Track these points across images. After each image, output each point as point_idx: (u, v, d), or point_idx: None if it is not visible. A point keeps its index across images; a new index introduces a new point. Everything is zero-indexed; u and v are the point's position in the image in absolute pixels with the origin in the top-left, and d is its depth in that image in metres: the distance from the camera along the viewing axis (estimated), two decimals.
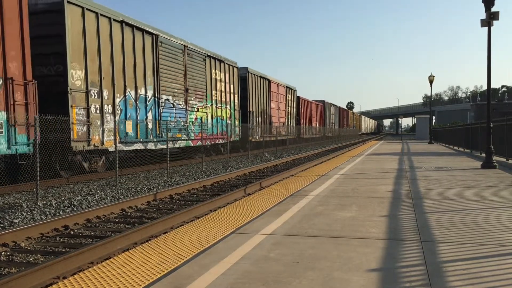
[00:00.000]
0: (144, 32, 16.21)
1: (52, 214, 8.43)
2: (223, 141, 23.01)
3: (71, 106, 12.57)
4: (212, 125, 22.02)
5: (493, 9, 12.86)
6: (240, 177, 14.99)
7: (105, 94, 14.06)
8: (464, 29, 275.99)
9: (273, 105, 32.28)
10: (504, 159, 14.28)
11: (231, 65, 24.39)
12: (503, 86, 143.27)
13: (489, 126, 13.37)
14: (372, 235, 4.97)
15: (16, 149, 10.26)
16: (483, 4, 12.98)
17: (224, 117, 23.57)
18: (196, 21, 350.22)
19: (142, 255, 4.49)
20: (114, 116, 14.33)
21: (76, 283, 3.75)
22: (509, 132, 13.99)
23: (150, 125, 16.53)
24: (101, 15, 13.87)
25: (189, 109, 19.61)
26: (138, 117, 15.74)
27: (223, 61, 23.28)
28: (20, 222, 7.79)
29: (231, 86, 24.52)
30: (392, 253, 4.24)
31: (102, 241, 5.84)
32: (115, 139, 12.81)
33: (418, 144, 35.12)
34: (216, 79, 22.43)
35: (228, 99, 24.12)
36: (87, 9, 13.20)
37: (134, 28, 15.62)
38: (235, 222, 5.93)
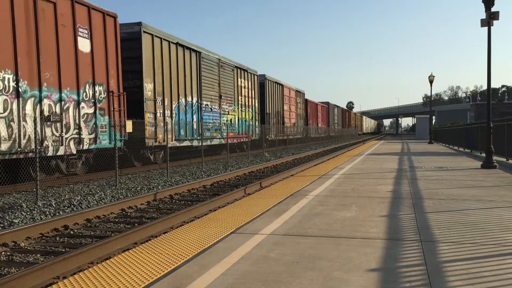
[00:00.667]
0: (191, 50, 19.82)
1: (52, 214, 8.42)
2: (246, 140, 26.54)
3: (145, 111, 16.05)
4: (238, 125, 25.58)
5: (493, 9, 12.86)
6: (240, 177, 14.99)
7: (166, 101, 17.55)
8: (464, 29, 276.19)
9: (285, 107, 35.49)
10: (504, 159, 14.28)
11: (252, 73, 27.94)
12: (503, 86, 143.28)
13: (489, 126, 13.37)
14: (372, 235, 4.97)
15: (113, 143, 13.27)
16: (483, 4, 12.98)
17: (247, 119, 27.19)
18: (196, 21, 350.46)
19: (142, 255, 4.49)
20: (172, 119, 17.88)
21: (76, 283, 3.75)
22: (509, 132, 13.99)
23: (195, 126, 20.03)
24: (163, 39, 17.42)
25: (222, 112, 23.20)
26: (187, 120, 19.35)
27: (246, 70, 26.80)
28: (20, 222, 7.79)
29: (253, 91, 28.17)
30: (392, 253, 4.24)
31: (102, 241, 5.84)
32: (167, 137, 16.36)
33: (418, 144, 35.12)
34: (241, 86, 25.99)
35: (250, 103, 27.69)
36: (155, 35, 16.81)
37: (184, 48, 19.18)
38: (235, 222, 5.93)
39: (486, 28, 12.96)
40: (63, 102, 12.21)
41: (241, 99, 26.03)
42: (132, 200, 9.34)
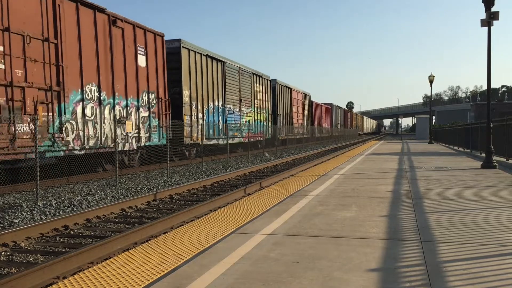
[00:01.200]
0: (217, 61, 22.88)
1: (52, 214, 8.43)
2: (261, 139, 29.75)
3: (184, 114, 19.05)
4: (255, 126, 28.76)
5: (493, 9, 12.86)
6: (240, 177, 14.99)
7: (199, 105, 20.65)
8: (464, 29, 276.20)
9: (293, 109, 38.54)
10: (504, 159, 14.28)
11: (266, 79, 31.10)
12: (503, 86, 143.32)
13: (489, 126, 13.37)
14: (372, 235, 4.97)
15: (162, 141, 16.96)
16: (483, 4, 12.98)
17: (262, 120, 30.37)
18: (196, 20, 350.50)
19: (142, 255, 4.49)
20: (203, 121, 20.92)
21: (76, 283, 3.75)
22: (509, 132, 13.99)
23: (220, 126, 23.11)
24: (196, 52, 20.42)
25: (242, 114, 26.31)
26: (214, 121, 22.38)
27: (261, 76, 30.02)
28: (20, 222, 7.79)
29: (266, 95, 31.34)
30: (392, 253, 4.24)
31: (102, 241, 5.84)
32: (202, 136, 19.56)
33: (418, 144, 35.12)
34: (256, 90, 29.18)
35: (264, 106, 30.88)
36: (190, 49, 19.82)
37: (212, 59, 22.29)
38: (235, 222, 5.94)
39: (486, 28, 12.96)
40: (128, 108, 15.34)
41: (257, 102, 29.34)
42: (132, 200, 9.34)
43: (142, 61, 16.26)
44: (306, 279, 3.54)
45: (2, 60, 10.41)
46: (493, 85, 61.59)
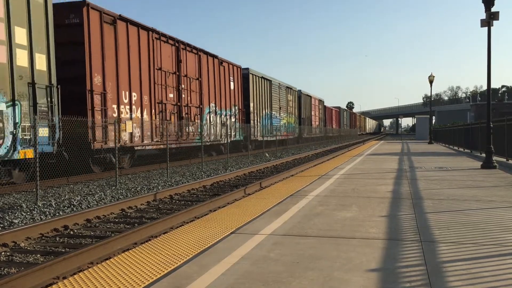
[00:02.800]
0: (267, 80, 31.53)
1: (51, 214, 8.42)
2: (291, 137, 38.24)
3: (250, 119, 27.96)
4: (287, 127, 37.29)
5: (493, 9, 12.86)
6: (240, 177, 14.99)
7: (258, 112, 29.63)
8: (464, 29, 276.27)
9: (312, 113, 47.04)
10: (504, 159, 14.28)
11: (294, 90, 39.84)
12: (503, 86, 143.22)
13: (489, 126, 13.37)
14: (372, 235, 4.97)
15: (241, 137, 25.88)
16: (483, 4, 12.98)
17: (292, 122, 39.03)
18: (196, 20, 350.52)
19: (142, 255, 4.49)
20: (261, 123, 30.01)
21: (76, 283, 3.75)
22: (509, 132, 13.99)
23: (269, 127, 31.87)
24: (256, 76, 29.08)
25: (280, 118, 35.44)
26: (266, 124, 31.28)
27: (291, 88, 38.82)
28: (20, 222, 7.79)
29: (294, 103, 40.05)
30: (392, 253, 4.24)
31: (102, 241, 5.84)
32: (263, 135, 30.04)
33: (418, 144, 35.12)
34: (288, 99, 38.01)
35: (293, 111, 39.47)
36: (253, 74, 28.42)
37: (264, 79, 30.93)
38: (235, 222, 5.93)
39: (486, 28, 12.96)
40: (226, 116, 24.37)
41: (289, 108, 38.03)
42: (132, 200, 9.34)
43: (231, 85, 25.31)
44: (306, 279, 3.54)
45: (184, 92, 19.66)
46: (493, 85, 61.61)
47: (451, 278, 3.51)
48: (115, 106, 14.90)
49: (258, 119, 29.53)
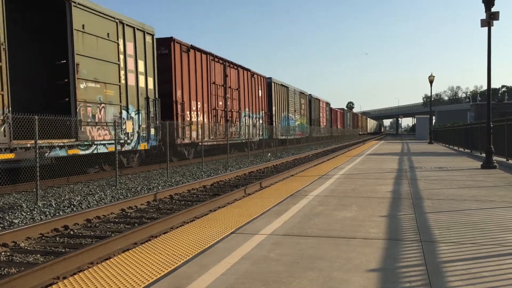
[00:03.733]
0: (285, 87, 36.64)
1: (52, 214, 8.42)
2: (303, 136, 43.32)
3: (273, 121, 33.21)
4: (300, 128, 42.16)
5: (493, 9, 12.86)
6: (240, 177, 14.99)
7: (278, 115, 34.77)
8: (464, 29, 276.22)
9: (321, 115, 52.25)
10: (504, 159, 14.28)
11: (306, 94, 44.88)
12: (503, 86, 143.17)
13: (489, 126, 13.37)
14: (372, 235, 4.97)
15: (267, 136, 31.09)
16: (483, 4, 12.98)
17: (304, 123, 43.83)
18: (196, 21, 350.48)
19: (142, 255, 4.49)
20: (281, 124, 35.22)
21: (76, 283, 3.76)
22: (509, 132, 13.99)
23: (286, 127, 36.71)
24: (277, 83, 34.33)
25: (295, 119, 40.40)
26: (283, 125, 36.17)
27: (303, 93, 43.80)
28: (20, 222, 7.79)
29: (306, 106, 45.19)
30: (392, 253, 4.24)
31: (102, 241, 5.84)
32: (283, 134, 36.14)
33: (418, 144, 35.12)
34: (301, 103, 42.90)
35: (305, 113, 44.53)
36: (275, 82, 33.58)
37: (283, 86, 36.24)
38: (235, 222, 5.94)
39: (486, 28, 12.96)
40: (256, 119, 29.06)
41: (301, 111, 42.78)
42: (132, 200, 9.34)
43: (260, 93, 30.26)
44: (306, 279, 3.54)
45: (229, 100, 24.55)
46: (493, 85, 61.71)
47: (451, 278, 3.51)
48: (188, 113, 20.01)
49: (279, 121, 34.95)
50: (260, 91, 30.19)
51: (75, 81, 12.64)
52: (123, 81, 14.95)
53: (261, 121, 30.38)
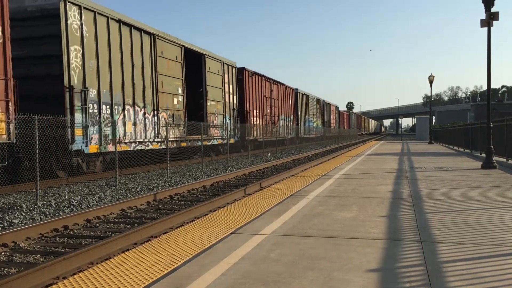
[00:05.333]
0: (305, 95, 43.17)
1: (51, 215, 8.42)
2: (318, 135, 49.37)
3: (298, 122, 40.49)
4: (316, 128, 48.54)
5: (493, 9, 12.86)
6: (240, 177, 14.99)
7: (302, 118, 41.62)
8: (464, 29, 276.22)
9: (331, 117, 59.69)
10: (504, 159, 14.27)
11: (320, 100, 51.93)
12: (503, 86, 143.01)
13: (489, 126, 13.37)
14: (372, 235, 4.97)
15: (294, 135, 39.24)
16: (483, 5, 12.98)
17: (319, 125, 50.58)
18: (197, 21, 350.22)
19: (142, 255, 4.49)
20: (303, 126, 42.20)
21: (76, 283, 3.75)
22: (509, 132, 13.99)
23: (307, 128, 43.37)
24: (300, 92, 41.18)
25: (313, 121, 47.06)
26: (305, 126, 42.71)
27: (319, 99, 50.83)
28: (20, 222, 7.79)
29: (321, 109, 52.14)
30: (392, 253, 4.24)
31: (102, 242, 5.84)
32: (306, 133, 44.79)
33: (418, 144, 35.12)
34: (317, 107, 49.90)
35: (320, 116, 51.29)
36: (301, 93, 41.39)
37: (304, 94, 42.62)
38: (235, 222, 5.93)
39: (486, 29, 12.96)
40: (287, 121, 36.84)
41: (317, 114, 49.80)
42: (132, 200, 9.34)
43: (290, 101, 37.86)
44: (306, 279, 3.53)
45: (273, 108, 32.26)
46: (493, 85, 61.79)
47: (451, 278, 3.51)
48: (251, 118, 28.23)
49: (302, 123, 41.79)
50: (290, 100, 38.20)
51: (206, 101, 21.99)
52: (225, 99, 24.11)
53: (291, 123, 38.30)
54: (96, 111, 13.70)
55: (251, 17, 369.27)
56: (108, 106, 14.28)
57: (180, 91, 19.25)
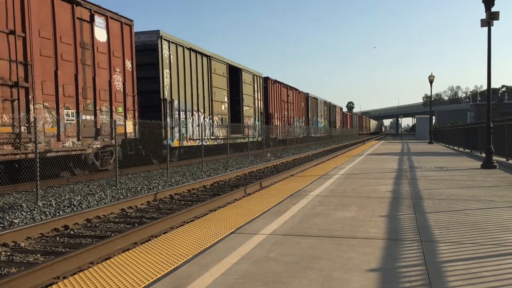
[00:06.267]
0: (315, 98, 48.17)
1: (52, 214, 8.42)
2: (325, 135, 54.38)
3: (309, 123, 45.61)
4: (324, 128, 53.39)
5: (493, 9, 12.86)
6: (240, 177, 14.99)
7: (312, 119, 46.61)
8: (464, 29, 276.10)
9: (336, 117, 64.20)
10: (504, 159, 14.27)
11: (327, 102, 56.14)
12: (503, 86, 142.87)
13: (489, 126, 13.37)
14: (372, 235, 4.97)
15: (305, 134, 44.31)
16: (483, 4, 12.98)
17: (326, 125, 54.95)
18: (199, 21, 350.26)
19: (142, 255, 4.49)
20: (313, 126, 47.38)
21: (76, 283, 3.76)
22: (509, 132, 13.99)
23: (316, 128, 48.18)
24: (311, 96, 46.28)
25: (321, 122, 51.41)
26: (315, 126, 48.22)
27: (326, 101, 54.97)
28: (20, 222, 7.79)
29: (328, 111, 56.59)
30: (392, 253, 4.24)
31: (102, 241, 5.84)
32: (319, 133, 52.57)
33: (418, 144, 35.12)
34: (324, 109, 53.82)
35: (326, 117, 55.56)
36: (311, 96, 46.44)
37: (315, 98, 48.35)
38: (235, 222, 5.94)
39: (486, 28, 12.96)
40: (300, 122, 41.80)
41: (324, 115, 54.07)
42: (132, 200, 9.34)
43: (302, 104, 42.20)
44: (306, 279, 3.54)
45: (289, 111, 38.03)
46: (493, 85, 61.77)
47: (451, 278, 3.51)
48: (273, 120, 33.23)
49: (311, 123, 46.16)
50: (302, 103, 42.66)
51: (243, 107, 27.06)
52: (255, 104, 29.35)
53: (303, 124, 42.82)
54: (177, 116, 18.83)
55: (250, 17, 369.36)
56: (183, 112, 19.44)
57: (226, 99, 24.54)
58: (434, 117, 74.78)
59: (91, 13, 13.38)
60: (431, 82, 34.75)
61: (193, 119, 20.32)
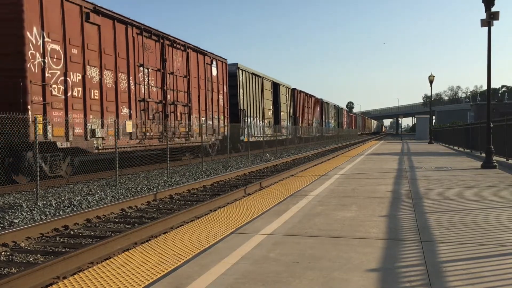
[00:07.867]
0: (327, 103, 57.05)
1: (52, 214, 8.42)
2: (334, 134, 60.39)
3: (322, 124, 54.19)
4: (333, 128, 59.85)
5: (493, 9, 12.86)
6: (240, 177, 14.99)
7: (325, 121, 55.08)
8: (464, 29, 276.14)
9: (343, 119, 71.94)
10: (504, 159, 14.28)
11: (337, 106, 64.25)
12: (503, 86, 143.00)
13: (489, 126, 13.37)
14: (372, 235, 4.97)
15: (317, 134, 51.22)
16: (483, 4, 12.98)
17: (335, 126, 61.48)
18: (199, 22, 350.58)
19: (142, 255, 4.49)
20: (325, 126, 55.16)
21: (76, 283, 3.76)
22: (509, 132, 13.99)
23: (327, 129, 56.13)
24: (324, 102, 55.16)
25: (331, 123, 59.09)
26: (327, 126, 56.02)
27: (335, 105, 61.74)
28: (20, 222, 7.79)
29: (337, 113, 63.73)
30: (392, 253, 4.24)
31: (102, 241, 5.84)
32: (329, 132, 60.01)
33: (418, 144, 35.12)
34: (333, 112, 60.08)
35: (335, 118, 62.31)
36: (324, 102, 55.33)
37: (327, 103, 57.18)
38: (235, 222, 5.94)
39: (486, 28, 12.96)
40: (317, 124, 50.11)
41: (333, 117, 60.43)
42: (132, 200, 9.34)
43: (318, 108, 50.31)
44: (306, 279, 3.54)
45: (309, 114, 46.35)
46: (493, 85, 61.88)
47: (451, 278, 3.51)
48: (299, 122, 40.33)
49: (324, 124, 53.03)
50: (318, 107, 50.16)
51: (280, 112, 35.21)
52: (287, 110, 37.50)
53: (318, 125, 49.96)
54: (247, 121, 27.93)
55: (249, 17, 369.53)
56: (249, 118, 28.31)
57: (271, 107, 33.69)
58: (434, 117, 74.79)
59: (211, 59, 22.34)
60: (431, 82, 34.76)
61: (254, 122, 29.38)
